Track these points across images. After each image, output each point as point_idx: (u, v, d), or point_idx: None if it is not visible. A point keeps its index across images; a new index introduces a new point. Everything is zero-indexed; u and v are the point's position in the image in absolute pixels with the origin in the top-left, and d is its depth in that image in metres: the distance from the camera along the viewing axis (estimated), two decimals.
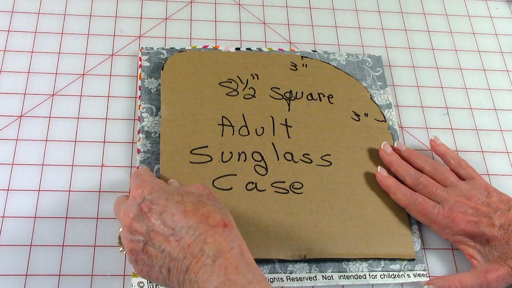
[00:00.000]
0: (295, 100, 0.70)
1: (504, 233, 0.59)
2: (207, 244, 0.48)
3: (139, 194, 0.52)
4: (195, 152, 0.65)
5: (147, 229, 0.50)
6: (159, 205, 0.51)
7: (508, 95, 0.77)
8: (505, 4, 0.86)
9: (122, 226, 0.53)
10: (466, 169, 0.65)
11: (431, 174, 0.65)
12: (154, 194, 0.52)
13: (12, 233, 0.60)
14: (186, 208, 0.50)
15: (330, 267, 0.61)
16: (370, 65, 0.75)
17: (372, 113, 0.71)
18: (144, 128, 0.66)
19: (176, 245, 0.49)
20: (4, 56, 0.70)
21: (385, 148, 0.67)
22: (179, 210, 0.50)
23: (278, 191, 0.64)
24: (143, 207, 0.51)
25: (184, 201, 0.51)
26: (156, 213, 0.50)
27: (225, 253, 0.48)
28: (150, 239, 0.50)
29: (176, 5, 0.78)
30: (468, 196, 0.62)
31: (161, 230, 0.50)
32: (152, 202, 0.51)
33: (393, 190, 0.64)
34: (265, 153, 0.66)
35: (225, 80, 0.70)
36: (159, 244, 0.49)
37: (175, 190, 0.53)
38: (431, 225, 0.62)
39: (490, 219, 0.60)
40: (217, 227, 0.49)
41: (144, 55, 0.71)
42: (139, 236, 0.51)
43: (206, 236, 0.48)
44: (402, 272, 0.62)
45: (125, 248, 0.53)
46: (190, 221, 0.49)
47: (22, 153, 0.64)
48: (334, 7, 0.81)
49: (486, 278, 0.57)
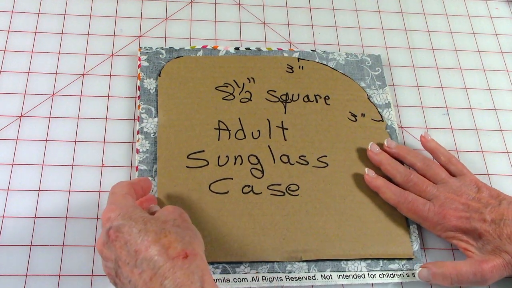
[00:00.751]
0: (291, 102, 0.70)
1: (496, 228, 0.59)
2: (166, 278, 0.46)
3: (107, 219, 0.51)
4: (191, 157, 0.65)
5: (115, 257, 0.50)
6: (123, 234, 0.49)
7: (508, 95, 0.77)
8: (505, 4, 0.86)
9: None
10: (456, 165, 0.65)
11: (422, 171, 0.65)
12: (119, 220, 0.50)
13: (12, 233, 0.60)
14: (148, 238, 0.48)
15: (329, 266, 0.61)
16: (369, 65, 0.75)
17: (369, 113, 0.71)
18: (143, 129, 0.66)
19: (139, 278, 0.47)
20: (4, 56, 0.71)
21: (373, 148, 0.67)
22: (141, 240, 0.48)
23: (274, 193, 0.64)
24: (110, 235, 0.50)
25: (147, 230, 0.49)
26: (121, 242, 0.49)
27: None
28: (119, 268, 0.49)
29: (176, 5, 0.78)
30: (459, 193, 0.62)
31: (126, 260, 0.48)
32: (117, 230, 0.50)
33: (382, 190, 0.64)
34: (261, 156, 0.66)
35: (222, 84, 0.70)
36: (126, 274, 0.49)
37: (140, 217, 0.50)
38: (423, 223, 0.62)
39: (481, 214, 0.60)
40: (177, 259, 0.47)
41: (143, 55, 0.71)
42: (110, 262, 0.50)
43: (165, 271, 0.47)
44: (401, 272, 0.62)
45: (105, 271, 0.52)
46: (150, 252, 0.47)
47: (22, 153, 0.64)
48: (334, 7, 0.81)
49: (481, 268, 0.58)
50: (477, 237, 0.60)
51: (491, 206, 0.60)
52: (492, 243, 0.59)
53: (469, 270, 0.58)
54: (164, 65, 0.71)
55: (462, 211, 0.60)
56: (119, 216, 0.51)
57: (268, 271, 0.60)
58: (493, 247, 0.58)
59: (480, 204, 0.61)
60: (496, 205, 0.60)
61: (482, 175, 0.69)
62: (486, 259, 0.58)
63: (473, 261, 0.59)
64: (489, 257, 0.58)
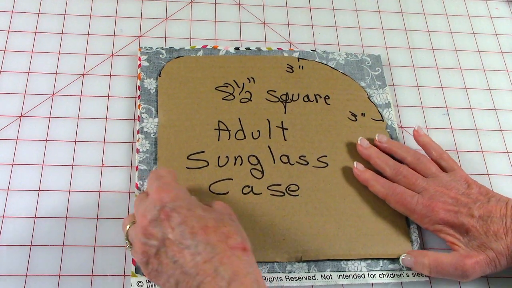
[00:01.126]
0: (291, 102, 0.70)
1: (483, 224, 0.59)
2: (223, 265, 0.47)
3: (159, 199, 0.51)
4: (191, 158, 0.65)
5: (162, 236, 0.49)
6: (180, 215, 0.50)
7: (508, 95, 0.77)
8: (505, 4, 0.86)
9: (137, 225, 0.52)
10: (447, 161, 0.65)
11: (413, 165, 0.65)
12: (177, 202, 0.51)
13: (12, 233, 0.60)
14: (208, 224, 0.49)
15: (329, 266, 0.61)
16: (369, 65, 0.75)
17: (370, 112, 0.71)
18: (143, 129, 0.66)
19: (190, 259, 0.48)
20: (4, 56, 0.71)
21: (362, 143, 0.67)
22: (200, 224, 0.49)
23: (274, 194, 0.64)
24: (162, 213, 0.50)
25: (206, 217, 0.50)
26: (175, 222, 0.49)
27: (241, 277, 0.47)
28: (164, 247, 0.49)
29: (176, 5, 0.78)
30: (448, 187, 0.62)
31: (177, 240, 0.49)
32: (172, 210, 0.50)
33: (371, 183, 0.64)
34: (261, 157, 0.66)
35: (222, 84, 0.70)
36: (173, 254, 0.49)
37: (197, 203, 0.52)
38: (411, 215, 0.62)
39: (470, 209, 0.60)
40: (236, 249, 0.48)
41: (143, 55, 0.71)
42: (153, 240, 0.50)
43: (223, 257, 0.47)
44: (401, 272, 0.62)
45: (136, 249, 0.52)
46: (209, 238, 0.48)
47: (22, 153, 0.64)
48: (334, 7, 0.81)
49: (464, 262, 0.58)
50: (464, 232, 0.60)
51: (480, 202, 0.60)
52: (478, 239, 0.59)
53: (450, 263, 0.58)
54: (164, 65, 0.71)
55: (451, 205, 0.60)
56: (176, 197, 0.51)
57: (268, 271, 0.60)
58: (479, 243, 0.58)
59: (469, 199, 0.61)
60: (485, 202, 0.60)
61: (482, 175, 0.69)
62: (470, 255, 0.58)
63: (457, 255, 0.59)
64: (474, 253, 0.58)
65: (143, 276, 0.58)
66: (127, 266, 0.59)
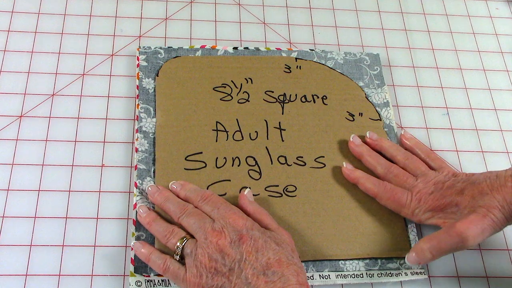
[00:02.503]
0: (289, 103, 0.70)
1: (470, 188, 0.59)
2: None
3: (242, 224, 0.56)
4: (189, 159, 0.65)
5: (240, 258, 0.53)
6: (257, 243, 0.54)
7: (508, 95, 0.77)
8: (505, 4, 0.86)
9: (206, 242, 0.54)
10: (435, 160, 0.66)
11: (403, 163, 0.65)
12: (254, 231, 0.55)
13: (12, 233, 0.60)
14: (281, 258, 0.53)
15: (327, 266, 0.61)
16: (368, 64, 0.75)
17: (367, 112, 0.71)
18: (142, 128, 0.66)
19: (264, 285, 0.51)
20: (4, 56, 0.71)
21: (354, 140, 0.67)
22: (275, 257, 0.53)
23: (272, 195, 0.64)
24: (243, 238, 0.54)
25: (279, 251, 0.54)
26: (253, 248, 0.53)
27: None
28: (239, 269, 0.53)
29: (176, 5, 0.78)
30: (436, 182, 0.62)
31: (253, 265, 0.52)
32: (252, 238, 0.54)
33: (361, 181, 0.64)
34: (258, 158, 0.66)
35: (219, 85, 0.70)
36: (247, 276, 0.52)
37: (271, 235, 0.56)
38: (402, 210, 0.63)
39: (454, 188, 0.60)
40: (303, 285, 0.52)
41: (141, 55, 0.71)
42: (228, 260, 0.53)
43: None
44: (399, 271, 0.62)
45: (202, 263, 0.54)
46: (284, 270, 0.52)
47: (22, 153, 0.64)
48: (334, 7, 0.81)
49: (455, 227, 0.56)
50: (455, 207, 0.59)
51: (463, 180, 0.61)
52: (467, 207, 0.58)
53: (445, 234, 0.57)
54: (162, 64, 0.71)
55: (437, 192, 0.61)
56: (253, 227, 0.56)
57: None
58: (469, 209, 0.58)
59: (454, 182, 0.61)
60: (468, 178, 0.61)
61: None
62: (460, 219, 0.57)
63: (448, 225, 0.58)
64: (464, 216, 0.57)
65: (141, 276, 0.58)
66: (127, 266, 0.59)
